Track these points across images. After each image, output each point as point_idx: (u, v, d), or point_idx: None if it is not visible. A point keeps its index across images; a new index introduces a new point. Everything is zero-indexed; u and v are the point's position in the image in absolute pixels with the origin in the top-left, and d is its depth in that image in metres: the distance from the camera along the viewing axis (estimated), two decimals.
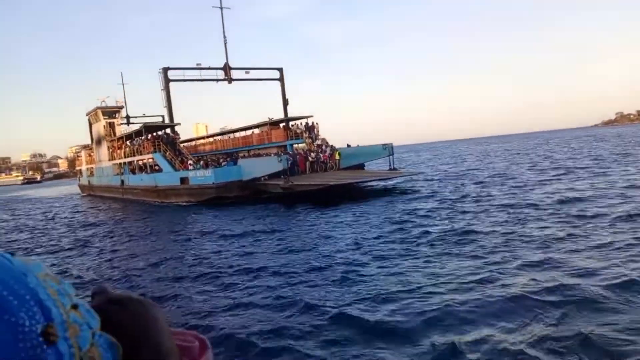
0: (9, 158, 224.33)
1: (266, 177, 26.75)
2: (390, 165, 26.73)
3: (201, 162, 30.00)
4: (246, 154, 37.16)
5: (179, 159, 30.32)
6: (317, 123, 37.08)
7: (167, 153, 30.23)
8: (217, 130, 51.92)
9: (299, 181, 23.54)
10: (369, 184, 25.50)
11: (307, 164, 29.78)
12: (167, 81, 32.28)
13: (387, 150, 26.76)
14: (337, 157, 30.94)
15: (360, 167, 30.67)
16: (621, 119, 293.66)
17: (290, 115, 37.94)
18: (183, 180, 28.55)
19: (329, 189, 21.96)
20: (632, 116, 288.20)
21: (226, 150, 43.97)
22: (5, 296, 0.46)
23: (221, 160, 31.09)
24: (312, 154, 30.77)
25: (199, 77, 33.84)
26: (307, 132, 35.61)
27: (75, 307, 0.52)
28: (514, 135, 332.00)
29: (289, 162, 24.37)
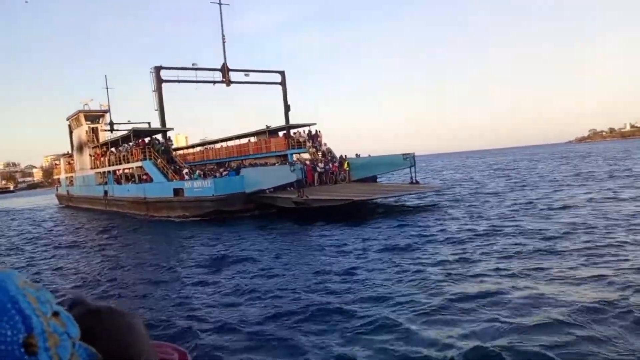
0: None
1: (271, 190, 23.87)
2: (411, 178, 24.05)
3: (197, 172, 26.81)
4: (240, 164, 34.18)
5: (172, 167, 27.14)
6: (319, 131, 34.49)
7: (159, 161, 27.03)
8: (198, 141, 48.97)
9: (314, 195, 20.65)
10: (394, 198, 22.64)
11: (315, 175, 26.98)
12: (159, 81, 29.18)
13: (409, 160, 24.02)
14: (345, 167, 28.20)
15: (373, 179, 27.97)
16: (594, 136, 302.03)
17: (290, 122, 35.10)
18: (177, 191, 25.37)
19: (352, 204, 19.16)
20: (604, 133, 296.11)
21: (218, 160, 40.89)
22: None
23: (222, 170, 27.96)
24: (320, 164, 27.97)
25: (194, 79, 30.80)
26: (311, 141, 32.88)
27: (56, 314, 0.50)
28: (491, 151, 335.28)
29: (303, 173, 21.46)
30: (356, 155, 29.60)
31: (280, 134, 36.58)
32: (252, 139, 38.26)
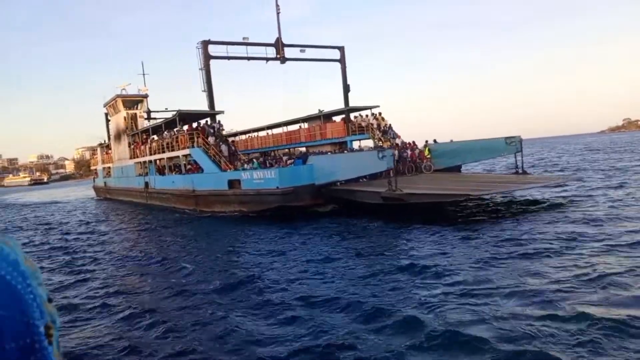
0: (16, 159, 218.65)
1: (342, 182, 20.11)
2: (517, 168, 19.73)
3: (257, 161, 23.16)
4: (307, 151, 30.56)
5: (225, 156, 23.53)
6: (381, 114, 30.25)
7: (210, 148, 23.46)
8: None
9: (410, 188, 16.60)
10: (517, 192, 17.72)
11: None
12: (207, 58, 25.58)
13: (514, 146, 19.68)
14: (426, 154, 24.06)
15: (457, 169, 23.79)
16: (628, 125, 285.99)
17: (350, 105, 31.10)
18: (232, 183, 21.79)
19: (465, 199, 15.11)
20: (639, 122, 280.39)
21: (264, 149, 37.42)
22: (19, 290, 0.44)
23: (286, 158, 24.24)
24: (394, 151, 23.90)
25: (245, 55, 27.09)
26: (379, 127, 28.74)
27: (50, 300, 0.49)
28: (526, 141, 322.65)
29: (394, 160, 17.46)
30: (434, 140, 25.44)
31: (337, 119, 32.73)
32: (304, 125, 34.52)
